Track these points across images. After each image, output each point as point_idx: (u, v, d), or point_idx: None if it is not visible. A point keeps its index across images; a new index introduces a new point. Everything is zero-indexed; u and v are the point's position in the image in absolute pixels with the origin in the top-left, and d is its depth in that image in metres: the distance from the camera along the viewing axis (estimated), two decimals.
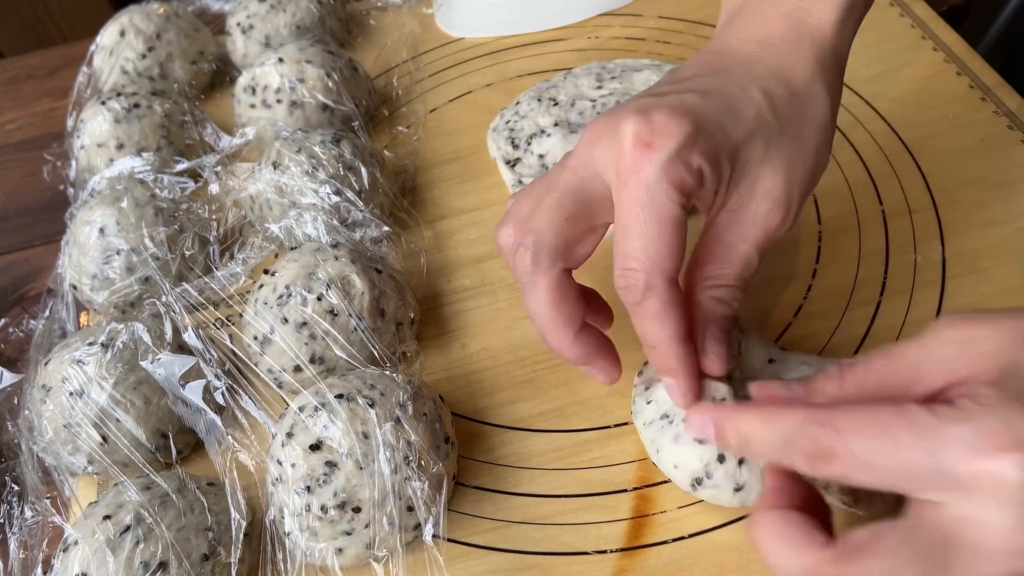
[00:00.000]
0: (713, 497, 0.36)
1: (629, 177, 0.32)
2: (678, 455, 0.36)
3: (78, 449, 0.41)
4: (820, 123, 0.34)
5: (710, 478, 0.35)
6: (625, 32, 0.64)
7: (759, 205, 0.34)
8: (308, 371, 0.42)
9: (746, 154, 0.33)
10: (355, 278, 0.43)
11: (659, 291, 0.32)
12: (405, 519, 0.36)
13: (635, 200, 0.32)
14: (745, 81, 0.34)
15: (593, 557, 0.37)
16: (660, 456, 0.37)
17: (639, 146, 0.31)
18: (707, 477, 0.35)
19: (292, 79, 0.56)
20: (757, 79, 0.34)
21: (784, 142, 0.34)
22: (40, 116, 0.72)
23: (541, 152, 0.53)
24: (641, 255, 0.32)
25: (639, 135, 0.31)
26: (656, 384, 0.38)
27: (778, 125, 0.34)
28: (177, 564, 0.36)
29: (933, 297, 0.43)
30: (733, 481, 0.35)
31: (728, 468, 0.35)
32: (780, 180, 0.34)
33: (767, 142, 0.33)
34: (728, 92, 0.34)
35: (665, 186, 0.31)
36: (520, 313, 0.47)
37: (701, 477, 0.36)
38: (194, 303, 0.46)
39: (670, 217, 0.31)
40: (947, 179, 0.48)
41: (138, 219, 0.49)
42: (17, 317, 0.55)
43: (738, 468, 0.35)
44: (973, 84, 0.53)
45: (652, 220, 0.31)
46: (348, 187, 0.49)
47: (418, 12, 0.71)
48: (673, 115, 0.32)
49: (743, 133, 0.33)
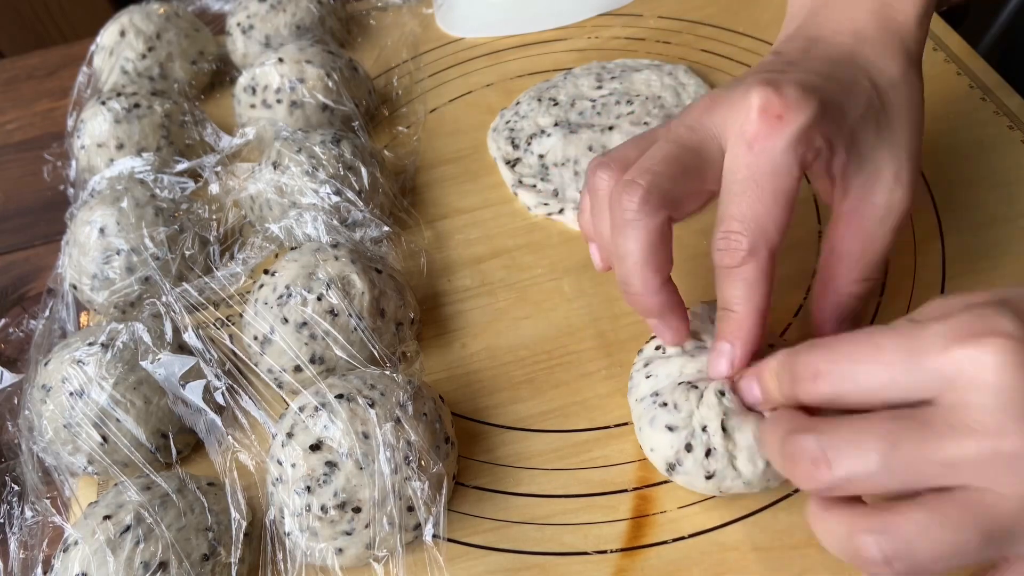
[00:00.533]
0: (687, 483, 0.36)
1: (754, 143, 0.32)
2: (653, 438, 0.37)
3: (78, 449, 0.41)
4: (919, 106, 0.36)
5: (681, 465, 0.35)
6: (625, 32, 0.64)
7: (892, 190, 0.35)
8: (308, 371, 0.42)
9: (860, 139, 0.34)
10: (355, 278, 0.43)
11: (760, 259, 0.32)
12: (405, 519, 0.36)
13: (756, 166, 0.32)
14: (853, 70, 0.35)
15: (593, 557, 0.37)
16: (641, 436, 0.38)
17: (769, 116, 0.32)
18: (678, 464, 0.36)
19: (292, 79, 0.56)
20: (862, 68, 0.35)
21: (895, 126, 0.35)
22: (40, 116, 0.72)
23: (541, 152, 0.53)
24: (752, 221, 0.32)
25: (769, 105, 0.32)
26: (656, 360, 0.38)
27: (885, 111, 0.35)
28: (177, 564, 0.36)
29: (933, 297, 0.43)
30: (703, 469, 0.35)
31: (696, 456, 0.35)
32: (903, 162, 0.35)
33: (878, 127, 0.34)
34: (842, 79, 0.34)
35: (790, 159, 0.32)
36: (520, 313, 0.47)
37: (673, 463, 0.36)
38: (194, 303, 0.46)
39: (787, 190, 0.32)
40: (947, 179, 0.48)
41: (138, 219, 0.49)
42: (17, 317, 0.55)
43: (705, 458, 0.35)
44: (973, 84, 0.53)
45: (769, 190, 0.32)
46: (348, 187, 0.49)
47: (418, 12, 0.71)
48: (804, 91, 0.32)
49: (857, 117, 0.34)
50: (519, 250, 0.50)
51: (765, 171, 0.32)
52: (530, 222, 0.52)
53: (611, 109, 0.55)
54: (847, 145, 0.34)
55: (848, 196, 0.35)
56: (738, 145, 0.33)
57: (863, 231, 0.35)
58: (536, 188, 0.53)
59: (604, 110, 0.55)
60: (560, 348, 0.45)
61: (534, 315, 0.47)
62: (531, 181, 0.53)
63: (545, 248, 0.50)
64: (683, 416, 0.35)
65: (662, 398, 0.37)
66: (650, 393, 0.37)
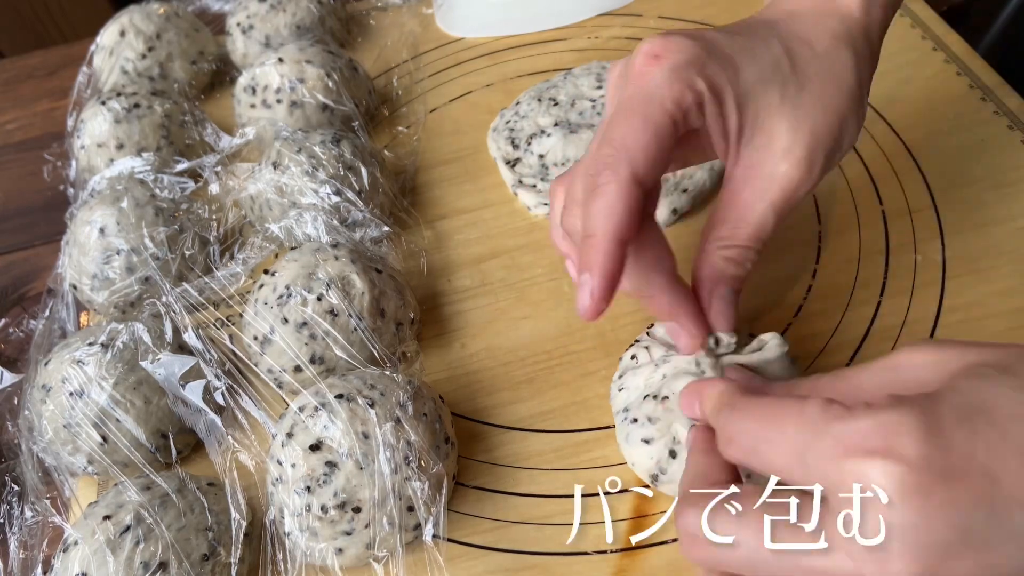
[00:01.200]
0: (674, 492, 0.36)
1: (632, 80, 0.32)
2: (632, 453, 0.37)
3: (78, 449, 0.41)
4: (845, 86, 0.33)
5: (664, 474, 0.36)
6: (625, 32, 0.64)
7: (777, 163, 0.33)
8: (308, 371, 0.42)
9: (759, 102, 0.33)
10: (355, 278, 0.43)
11: (621, 179, 0.30)
12: (405, 519, 0.36)
13: (631, 97, 0.32)
14: (766, 34, 0.34)
15: (593, 557, 0.37)
16: (623, 451, 0.38)
17: (648, 57, 0.32)
18: (661, 473, 0.36)
19: (292, 79, 0.56)
20: (779, 36, 0.34)
21: (803, 98, 0.33)
22: (40, 116, 0.72)
23: (541, 152, 0.53)
24: (618, 144, 0.31)
25: (651, 49, 0.32)
26: (629, 372, 0.39)
27: (796, 79, 0.33)
28: (177, 564, 0.36)
29: (933, 297, 0.43)
30: None
31: (681, 463, 0.35)
32: (800, 136, 0.33)
33: (783, 93, 0.33)
34: (748, 38, 0.34)
35: (664, 91, 0.31)
36: (520, 313, 0.47)
37: (656, 473, 0.36)
38: (194, 303, 0.46)
39: (658, 121, 0.31)
40: (947, 179, 0.48)
41: (138, 219, 0.49)
42: (17, 317, 0.55)
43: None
44: (973, 84, 0.53)
45: (639, 117, 0.31)
46: (348, 187, 0.49)
47: (418, 12, 0.71)
48: (687, 36, 0.32)
49: (756, 78, 0.33)
50: (519, 250, 0.50)
51: (638, 100, 0.31)
52: (530, 222, 0.52)
53: None
54: (740, 102, 0.32)
55: (739, 162, 0.34)
56: (624, 85, 0.33)
57: (739, 199, 0.34)
58: (536, 188, 0.53)
59: (604, 110, 0.55)
60: (560, 348, 0.45)
61: (534, 315, 0.47)
62: (531, 181, 0.53)
63: (545, 248, 0.50)
64: (657, 427, 0.36)
65: (632, 414, 0.37)
66: (622, 409, 0.38)
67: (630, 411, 0.37)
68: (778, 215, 0.34)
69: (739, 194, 0.34)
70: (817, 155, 0.33)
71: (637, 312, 0.45)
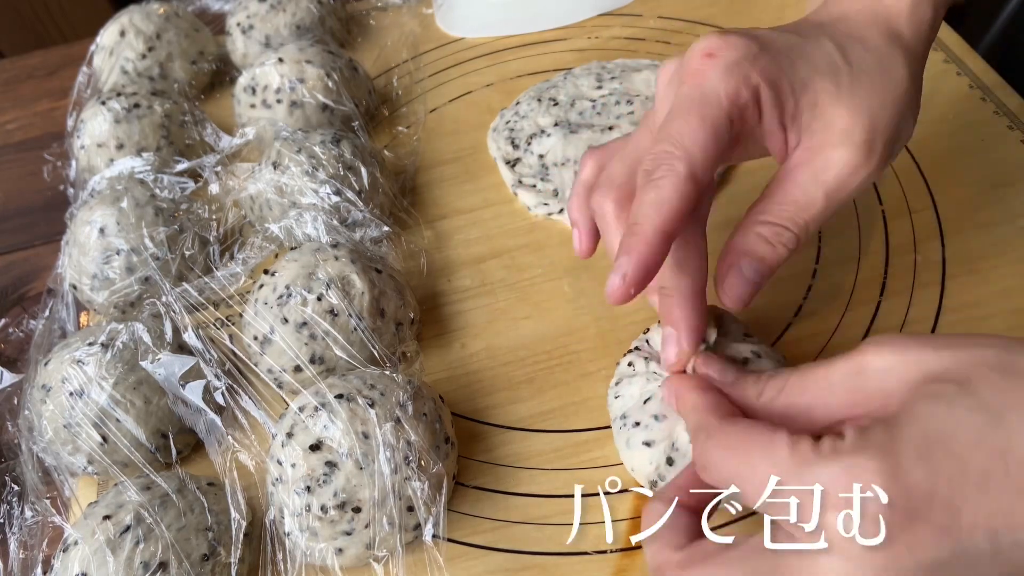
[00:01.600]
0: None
1: (687, 79, 0.33)
2: (632, 458, 0.37)
3: (78, 449, 0.41)
4: (899, 79, 0.33)
5: (663, 480, 0.35)
6: (625, 32, 0.64)
7: (836, 146, 0.32)
8: (308, 371, 0.42)
9: (816, 89, 0.33)
10: (355, 278, 0.43)
11: (678, 175, 0.31)
12: (405, 519, 0.36)
13: (687, 96, 0.32)
14: (817, 34, 0.34)
15: (593, 557, 0.37)
16: (623, 457, 0.38)
17: (702, 55, 0.33)
18: (660, 479, 0.36)
19: (292, 79, 0.56)
20: (830, 34, 0.34)
21: (861, 86, 0.33)
22: (40, 116, 0.72)
23: (541, 152, 0.53)
24: (676, 141, 0.31)
25: (705, 47, 0.33)
26: (625, 379, 0.39)
27: (850, 70, 0.33)
28: (177, 564, 0.36)
29: (933, 297, 0.43)
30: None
31: (678, 470, 0.35)
32: (860, 121, 0.32)
33: (838, 83, 0.33)
34: (801, 36, 0.34)
35: (719, 89, 0.32)
36: (520, 313, 0.47)
37: (655, 479, 0.36)
38: (194, 303, 0.46)
39: (714, 118, 0.31)
40: (947, 179, 0.48)
41: (138, 219, 0.49)
42: (17, 317, 0.55)
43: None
44: (973, 84, 0.53)
45: (697, 115, 0.31)
46: (348, 187, 0.49)
47: (418, 12, 0.71)
48: (742, 34, 0.33)
49: (811, 70, 0.33)
50: (519, 250, 0.50)
51: (694, 98, 0.32)
52: (530, 222, 0.52)
53: (611, 109, 0.55)
54: (798, 92, 0.33)
55: (799, 146, 0.33)
56: (681, 82, 0.33)
57: (791, 179, 0.33)
58: (536, 188, 0.53)
59: (604, 110, 0.55)
60: (560, 348, 0.45)
61: (534, 315, 0.47)
62: (531, 181, 0.53)
63: (545, 248, 0.50)
64: (659, 430, 0.36)
65: (632, 419, 0.37)
66: (620, 415, 0.38)
67: (629, 417, 0.37)
68: (828, 199, 0.33)
69: (791, 174, 0.33)
70: (876, 141, 0.33)
71: (638, 312, 0.45)
